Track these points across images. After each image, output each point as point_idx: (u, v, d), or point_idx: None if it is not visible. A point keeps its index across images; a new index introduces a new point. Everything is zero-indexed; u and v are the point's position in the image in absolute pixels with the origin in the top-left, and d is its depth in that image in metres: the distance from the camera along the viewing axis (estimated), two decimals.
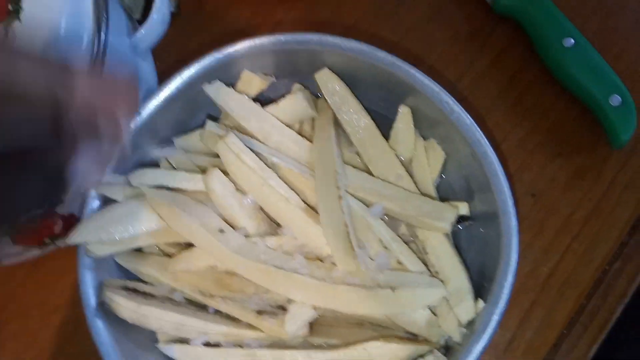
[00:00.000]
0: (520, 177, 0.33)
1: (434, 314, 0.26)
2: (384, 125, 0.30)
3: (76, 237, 0.25)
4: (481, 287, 0.27)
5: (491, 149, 0.26)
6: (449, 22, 0.37)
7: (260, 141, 0.29)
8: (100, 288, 0.26)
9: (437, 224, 0.27)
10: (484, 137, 0.26)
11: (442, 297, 0.26)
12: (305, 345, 0.27)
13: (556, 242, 0.32)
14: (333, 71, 0.29)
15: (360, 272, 0.26)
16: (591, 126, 0.34)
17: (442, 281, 0.26)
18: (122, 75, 0.19)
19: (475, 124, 0.26)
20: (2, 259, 0.30)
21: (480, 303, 0.25)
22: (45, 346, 0.33)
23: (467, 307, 0.25)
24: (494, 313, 0.24)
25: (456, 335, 0.25)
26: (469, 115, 0.27)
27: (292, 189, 0.28)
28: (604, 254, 0.32)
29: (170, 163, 0.29)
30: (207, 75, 0.29)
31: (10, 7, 0.24)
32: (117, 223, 0.26)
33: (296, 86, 0.31)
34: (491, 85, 0.35)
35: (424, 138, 0.30)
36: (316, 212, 0.28)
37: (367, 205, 0.28)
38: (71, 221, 0.29)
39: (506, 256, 0.25)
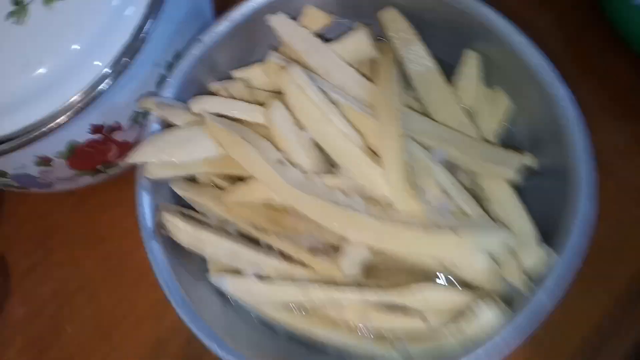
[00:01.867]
0: None
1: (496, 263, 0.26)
2: (447, 73, 0.29)
3: (137, 156, 0.25)
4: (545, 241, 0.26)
5: (568, 91, 0.25)
6: None
7: (321, 77, 0.28)
8: (157, 210, 0.26)
9: (501, 170, 0.26)
10: (560, 79, 0.25)
11: (506, 240, 0.25)
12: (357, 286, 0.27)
13: (613, 206, 0.31)
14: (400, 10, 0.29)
15: (420, 213, 0.26)
16: None
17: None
18: None
19: (552, 66, 0.25)
20: (55, 183, 0.30)
21: (548, 250, 0.24)
22: (89, 276, 0.33)
23: (532, 252, 0.25)
24: (567, 263, 0.23)
25: (519, 282, 0.25)
26: (545, 57, 0.25)
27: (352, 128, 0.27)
28: None
29: (229, 95, 0.29)
30: (269, 9, 0.28)
31: None
32: (177, 146, 0.26)
33: (359, 25, 0.30)
34: (553, 44, 0.33)
35: (489, 86, 0.29)
36: (375, 153, 0.27)
37: (428, 150, 0.27)
38: (125, 149, 0.29)
39: (581, 206, 0.24)
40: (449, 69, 0.29)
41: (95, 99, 0.25)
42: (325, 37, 0.30)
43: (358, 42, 0.29)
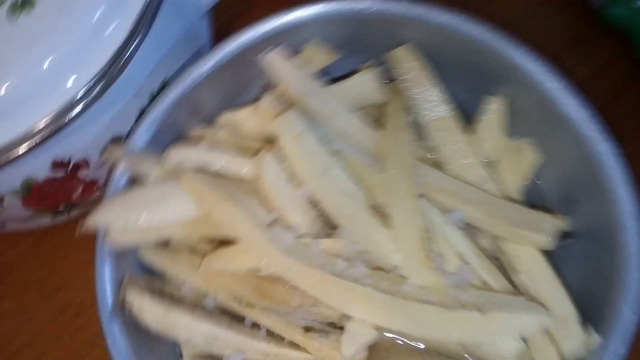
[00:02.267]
0: None
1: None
2: (467, 120, 0.25)
3: (98, 218, 0.21)
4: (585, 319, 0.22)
5: (612, 146, 0.21)
6: (546, 25, 0.33)
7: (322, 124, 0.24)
8: (121, 285, 0.21)
9: (533, 236, 0.22)
10: (603, 131, 0.22)
11: (543, 324, 0.21)
12: None
13: None
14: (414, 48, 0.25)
15: (437, 287, 0.21)
16: None
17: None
18: None
19: (594, 116, 0.22)
20: (7, 223, 0.25)
21: (594, 336, 0.20)
22: (40, 330, 0.29)
23: (572, 335, 0.21)
24: (615, 349, 0.19)
25: None
26: (585, 105, 0.22)
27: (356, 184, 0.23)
28: None
29: (213, 143, 0.25)
30: (264, 43, 0.25)
31: None
32: (147, 206, 0.21)
33: (366, 64, 0.26)
34: (591, 101, 0.31)
35: (514, 136, 0.25)
36: (382, 214, 0.23)
37: (443, 211, 0.24)
38: (92, 189, 0.25)
39: (630, 279, 0.20)
40: (469, 115, 0.26)
41: (60, 130, 0.21)
42: (330, 75, 0.26)
43: (364, 85, 0.25)
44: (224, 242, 0.23)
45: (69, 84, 0.21)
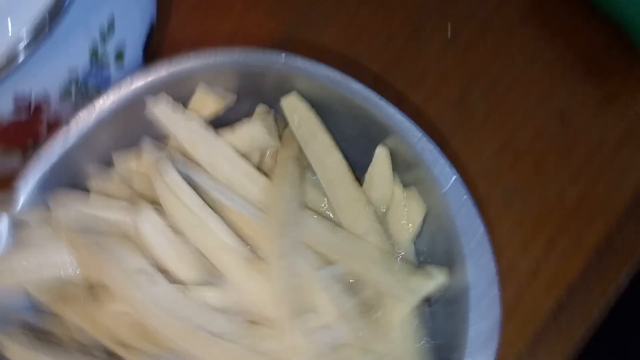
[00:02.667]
0: (549, 99, 0.32)
1: None
2: (362, 167, 0.25)
3: None
4: None
5: (477, 216, 0.21)
6: None
7: (208, 173, 0.24)
8: None
9: (402, 297, 0.22)
10: (470, 200, 0.21)
11: None
12: None
13: (585, 166, 0.31)
14: (304, 97, 0.25)
15: (304, 346, 0.22)
16: (625, 49, 0.32)
17: None
18: None
19: (459, 181, 0.22)
20: None
21: None
22: None
23: None
24: None
25: None
26: (454, 171, 0.22)
27: (239, 235, 0.24)
28: (637, 180, 0.30)
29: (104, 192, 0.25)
30: (157, 88, 0.25)
31: None
32: (29, 261, 0.22)
33: (259, 109, 0.26)
34: (518, 6, 0.33)
35: (406, 185, 0.25)
36: (264, 264, 0.23)
37: (326, 263, 0.24)
38: (57, 129, 0.25)
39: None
40: (362, 166, 0.25)
41: (14, 66, 0.21)
42: (225, 118, 0.26)
43: (253, 132, 0.25)
44: None
45: (16, 23, 0.21)
